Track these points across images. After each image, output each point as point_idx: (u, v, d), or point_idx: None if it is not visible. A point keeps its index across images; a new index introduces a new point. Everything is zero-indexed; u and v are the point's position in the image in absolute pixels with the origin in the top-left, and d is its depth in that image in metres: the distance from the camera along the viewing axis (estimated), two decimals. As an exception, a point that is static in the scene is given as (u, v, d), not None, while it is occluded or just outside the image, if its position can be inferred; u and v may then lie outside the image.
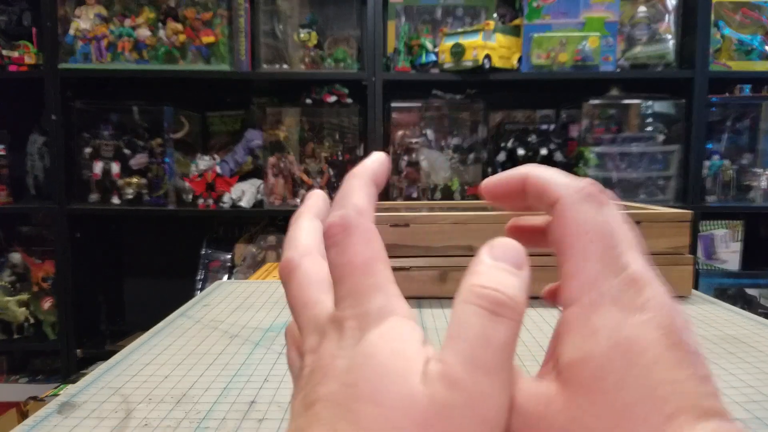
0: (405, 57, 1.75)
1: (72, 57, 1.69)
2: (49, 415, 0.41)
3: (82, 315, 1.80)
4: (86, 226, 1.79)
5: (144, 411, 0.42)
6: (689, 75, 1.67)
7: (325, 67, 1.74)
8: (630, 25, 1.75)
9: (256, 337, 0.59)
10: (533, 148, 1.69)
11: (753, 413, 0.41)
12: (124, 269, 2.04)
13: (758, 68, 1.71)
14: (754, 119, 1.78)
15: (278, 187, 1.79)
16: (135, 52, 1.70)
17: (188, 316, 0.66)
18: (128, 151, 1.75)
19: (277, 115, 1.82)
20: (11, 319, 1.80)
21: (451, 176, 1.81)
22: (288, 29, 1.77)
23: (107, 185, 1.76)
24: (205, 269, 1.90)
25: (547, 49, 1.68)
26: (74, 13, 1.69)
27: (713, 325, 0.63)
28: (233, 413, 0.41)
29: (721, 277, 1.77)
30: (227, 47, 1.71)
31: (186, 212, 1.77)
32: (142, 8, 1.72)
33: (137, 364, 0.51)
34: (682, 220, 0.73)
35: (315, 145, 1.82)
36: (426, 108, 1.84)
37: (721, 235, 1.77)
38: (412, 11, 1.82)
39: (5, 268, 1.83)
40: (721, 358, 0.52)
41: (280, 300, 0.74)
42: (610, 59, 1.68)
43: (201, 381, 0.47)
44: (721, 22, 1.73)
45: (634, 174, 1.74)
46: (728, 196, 1.75)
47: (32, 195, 1.89)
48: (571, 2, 1.67)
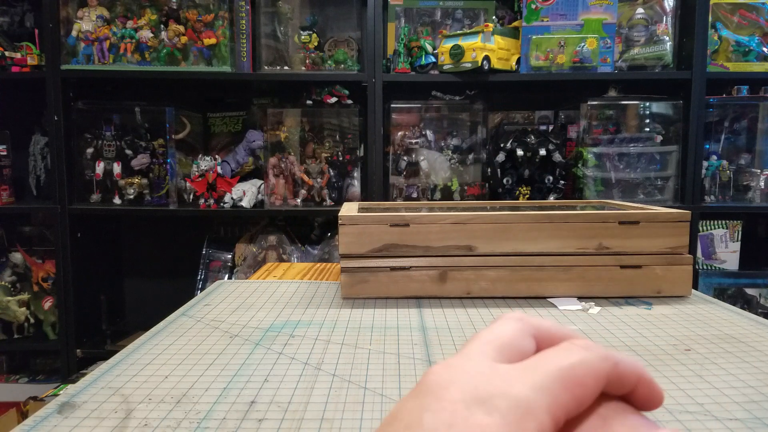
0: (405, 58, 1.75)
1: (74, 58, 1.70)
2: (49, 415, 0.41)
3: (83, 315, 1.80)
4: (87, 226, 1.80)
5: (144, 411, 0.42)
6: (687, 76, 1.68)
7: (325, 69, 1.75)
8: (628, 26, 1.75)
9: (256, 337, 0.59)
10: (532, 148, 1.69)
11: (752, 413, 0.41)
12: (124, 269, 2.05)
13: (756, 69, 1.72)
14: (752, 120, 1.78)
15: (279, 188, 1.79)
16: (137, 53, 1.71)
17: (189, 316, 0.66)
18: (130, 152, 1.75)
19: (277, 115, 1.82)
20: (12, 319, 1.80)
21: (451, 176, 1.81)
22: (289, 31, 1.77)
23: (108, 185, 1.77)
24: (205, 269, 1.91)
25: (546, 50, 1.68)
26: (76, 14, 1.70)
27: (712, 324, 0.63)
28: (233, 413, 0.42)
29: (720, 277, 1.77)
30: (228, 49, 1.71)
31: (187, 212, 1.77)
32: (144, 10, 1.72)
33: (137, 364, 0.51)
34: (680, 220, 0.73)
35: (315, 146, 1.83)
36: (426, 109, 1.85)
37: (720, 235, 1.78)
38: (411, 13, 1.82)
39: (6, 267, 1.84)
40: (721, 357, 0.53)
41: (280, 300, 0.74)
42: (608, 60, 1.68)
43: (201, 381, 0.47)
44: (719, 24, 1.73)
45: (632, 174, 1.74)
46: (726, 196, 1.76)
47: (34, 195, 1.90)
48: (570, 4, 1.67)
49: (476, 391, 0.18)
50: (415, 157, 1.80)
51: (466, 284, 0.73)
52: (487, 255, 0.72)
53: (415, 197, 1.79)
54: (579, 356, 0.19)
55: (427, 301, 0.72)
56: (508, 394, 0.18)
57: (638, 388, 0.20)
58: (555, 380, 0.18)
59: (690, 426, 0.39)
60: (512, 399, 0.17)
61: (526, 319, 0.22)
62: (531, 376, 0.18)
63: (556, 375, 0.18)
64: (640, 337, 0.59)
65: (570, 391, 0.18)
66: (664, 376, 0.48)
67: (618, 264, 0.72)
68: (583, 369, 0.19)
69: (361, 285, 0.73)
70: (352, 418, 0.41)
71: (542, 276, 0.72)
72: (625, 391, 0.20)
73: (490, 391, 0.18)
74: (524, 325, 0.22)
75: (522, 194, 1.71)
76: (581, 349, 0.19)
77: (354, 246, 0.72)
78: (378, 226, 0.72)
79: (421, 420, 0.18)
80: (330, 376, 0.48)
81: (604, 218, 0.73)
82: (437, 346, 0.56)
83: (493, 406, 0.17)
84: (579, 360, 0.19)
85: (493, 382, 0.18)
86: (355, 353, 0.54)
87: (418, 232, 0.72)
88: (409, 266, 0.72)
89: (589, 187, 1.73)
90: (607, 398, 0.20)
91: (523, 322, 0.22)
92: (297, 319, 0.65)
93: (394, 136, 1.82)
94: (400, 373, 0.49)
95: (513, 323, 0.22)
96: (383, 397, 0.45)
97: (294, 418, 0.41)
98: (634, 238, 0.72)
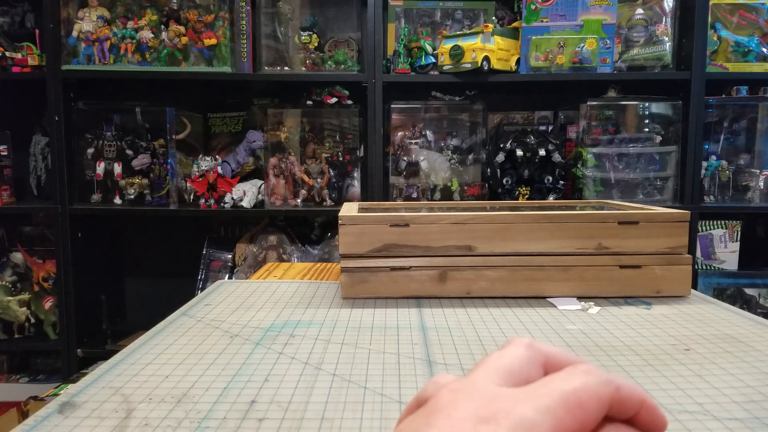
0: (404, 59, 1.76)
1: (75, 59, 1.70)
2: (49, 414, 0.41)
3: (83, 315, 1.81)
4: (88, 226, 1.80)
5: (144, 411, 0.42)
6: (686, 76, 1.68)
7: (325, 69, 1.75)
8: (627, 27, 1.75)
9: (256, 336, 0.59)
10: (532, 149, 1.69)
11: (752, 413, 0.41)
12: (125, 269, 2.05)
13: (755, 69, 1.72)
14: (751, 120, 1.78)
15: (279, 188, 1.79)
16: (138, 54, 1.71)
17: (189, 316, 0.67)
18: (130, 152, 1.75)
19: (278, 116, 1.82)
20: (12, 319, 1.80)
21: (451, 177, 1.81)
22: (289, 31, 1.78)
23: (109, 185, 1.77)
24: (206, 269, 1.91)
25: (546, 51, 1.68)
26: (77, 15, 1.70)
27: (712, 324, 0.63)
28: (234, 413, 0.42)
29: (720, 277, 1.77)
30: (229, 49, 1.72)
31: (187, 212, 1.77)
32: (144, 10, 1.72)
33: (138, 363, 0.51)
34: (680, 220, 0.73)
35: (316, 146, 1.83)
36: (425, 109, 1.85)
37: (719, 235, 1.78)
38: (411, 14, 1.83)
39: (7, 267, 1.84)
40: (720, 357, 0.53)
41: (280, 300, 0.74)
42: (607, 61, 1.68)
43: (201, 381, 0.47)
44: (718, 24, 1.73)
45: (632, 175, 1.74)
46: (726, 196, 1.76)
47: (34, 195, 1.90)
48: (569, 5, 1.67)
49: (482, 411, 0.18)
50: (415, 157, 1.81)
51: (466, 284, 0.73)
52: (487, 255, 0.72)
53: (415, 197, 1.79)
54: (581, 380, 0.19)
55: (427, 301, 0.73)
56: (513, 414, 0.18)
57: (641, 412, 0.20)
58: (558, 403, 0.19)
59: (689, 426, 0.40)
60: (517, 420, 0.18)
61: (534, 345, 0.22)
62: (535, 398, 0.19)
63: (559, 398, 0.19)
64: (639, 337, 0.59)
65: (572, 414, 0.19)
66: (663, 375, 0.49)
67: (617, 264, 0.73)
68: (586, 393, 0.19)
69: (361, 285, 0.73)
70: (352, 418, 0.41)
71: (542, 276, 0.73)
72: (628, 415, 0.20)
73: (496, 412, 0.18)
74: (532, 353, 0.22)
75: (521, 194, 1.71)
76: (584, 374, 0.20)
77: (354, 246, 0.72)
78: (378, 226, 0.72)
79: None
80: (330, 376, 0.49)
81: (604, 218, 0.73)
82: (437, 345, 0.56)
83: (498, 426, 0.18)
84: (581, 384, 0.19)
85: (499, 404, 0.19)
86: (355, 353, 0.54)
87: (418, 232, 0.72)
88: (409, 266, 0.72)
89: (588, 188, 1.73)
90: (610, 422, 0.20)
91: (531, 350, 0.22)
92: (297, 318, 0.66)
93: (394, 136, 1.82)
94: (400, 372, 0.50)
95: (521, 350, 0.22)
96: (383, 396, 0.45)
97: (294, 417, 0.41)
98: (633, 238, 0.72)
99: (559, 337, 0.59)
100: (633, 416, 0.21)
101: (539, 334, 0.60)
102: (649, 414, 0.21)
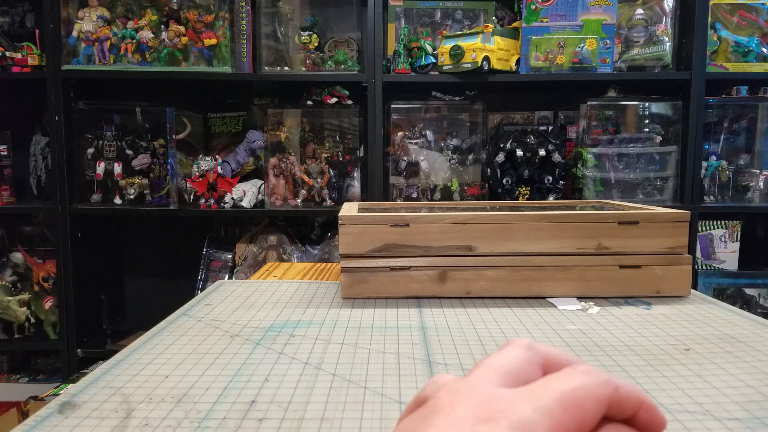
0: (405, 59, 1.76)
1: (75, 59, 1.70)
2: (49, 414, 0.41)
3: (83, 315, 1.81)
4: (88, 226, 1.80)
5: (144, 411, 0.42)
6: (686, 77, 1.68)
7: (325, 69, 1.75)
8: (627, 27, 1.75)
9: (256, 336, 0.59)
10: (532, 149, 1.69)
11: (752, 413, 0.41)
12: (125, 269, 2.05)
13: (755, 69, 1.72)
14: (751, 120, 1.78)
15: (279, 188, 1.79)
16: (138, 53, 1.71)
17: (189, 316, 0.67)
18: (130, 152, 1.75)
19: (278, 116, 1.82)
20: (12, 319, 1.80)
21: (451, 177, 1.81)
22: (289, 31, 1.78)
23: (109, 185, 1.77)
24: (206, 269, 1.91)
25: (546, 51, 1.68)
26: (77, 15, 1.70)
27: (712, 324, 0.63)
28: (234, 413, 0.42)
29: (720, 277, 1.77)
30: (229, 49, 1.72)
31: (187, 212, 1.77)
32: (144, 10, 1.72)
33: (138, 363, 0.51)
34: (680, 220, 0.73)
35: (316, 146, 1.83)
36: (425, 109, 1.85)
37: (719, 235, 1.78)
38: (411, 14, 1.83)
39: (7, 267, 1.84)
40: (720, 357, 0.53)
41: (280, 300, 0.74)
42: (607, 61, 1.68)
43: (201, 381, 0.47)
44: (719, 24, 1.73)
45: (631, 175, 1.74)
46: (726, 196, 1.76)
47: (34, 195, 1.90)
48: (569, 5, 1.67)
49: (480, 411, 0.19)
50: (415, 157, 1.81)
51: (466, 284, 0.73)
52: (487, 255, 0.72)
53: (415, 197, 1.79)
54: (579, 381, 0.20)
55: (427, 301, 0.73)
56: (511, 414, 0.18)
57: (640, 412, 0.21)
58: (556, 403, 0.19)
59: (689, 425, 0.40)
60: (515, 420, 0.18)
61: (533, 346, 0.22)
62: (533, 399, 0.19)
63: (557, 398, 0.19)
64: (639, 337, 0.59)
65: (570, 414, 0.19)
66: (663, 375, 0.49)
67: (617, 264, 0.73)
68: (584, 393, 0.19)
69: (361, 285, 0.73)
70: (352, 418, 0.41)
71: (542, 276, 0.73)
72: (626, 415, 0.20)
73: (494, 412, 0.18)
74: (531, 354, 0.22)
75: (521, 194, 1.71)
76: (582, 374, 0.20)
77: (354, 246, 0.72)
78: (378, 226, 0.72)
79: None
80: (330, 376, 0.49)
81: (604, 218, 0.73)
82: (437, 345, 0.56)
83: (497, 425, 0.18)
84: (579, 384, 0.19)
85: (497, 404, 0.19)
86: (355, 353, 0.54)
87: (418, 232, 0.72)
88: (409, 266, 0.72)
89: (588, 188, 1.73)
90: (609, 422, 0.20)
91: (530, 350, 0.22)
92: (297, 318, 0.66)
93: (394, 136, 1.82)
94: (400, 372, 0.50)
95: (520, 351, 0.22)
96: (383, 396, 0.45)
97: (294, 417, 0.41)
98: (633, 238, 0.72)
99: (559, 337, 0.59)
100: (632, 416, 0.21)
101: (539, 334, 0.60)
102: (648, 414, 0.21)
